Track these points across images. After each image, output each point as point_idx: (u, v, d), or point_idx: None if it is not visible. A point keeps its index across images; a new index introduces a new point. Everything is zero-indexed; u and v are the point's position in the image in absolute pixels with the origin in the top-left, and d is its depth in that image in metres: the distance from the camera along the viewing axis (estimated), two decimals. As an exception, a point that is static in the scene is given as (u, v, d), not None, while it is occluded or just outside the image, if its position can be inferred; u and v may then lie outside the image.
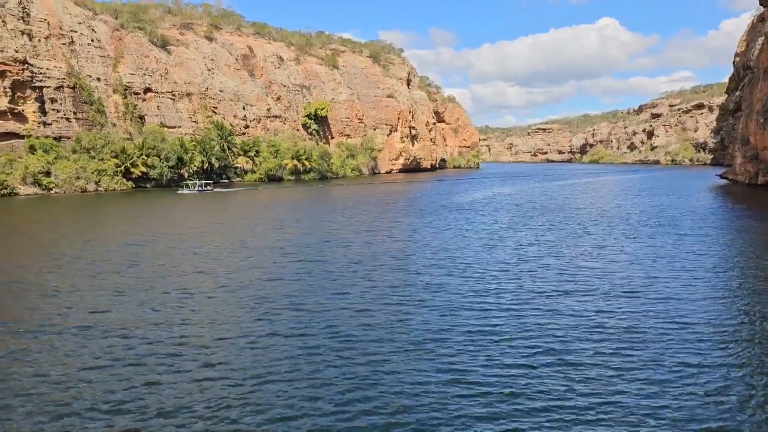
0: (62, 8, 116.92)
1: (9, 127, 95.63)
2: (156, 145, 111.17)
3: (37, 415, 14.87)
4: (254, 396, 15.95)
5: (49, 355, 19.06)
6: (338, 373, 17.44)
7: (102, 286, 28.43)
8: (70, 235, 46.91)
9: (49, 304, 25.02)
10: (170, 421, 14.54)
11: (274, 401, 15.65)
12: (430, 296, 26.35)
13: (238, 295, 26.78)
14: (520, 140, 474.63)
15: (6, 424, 14.49)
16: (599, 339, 20.59)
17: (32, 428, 14.24)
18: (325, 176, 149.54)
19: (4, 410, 15.11)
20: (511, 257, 36.08)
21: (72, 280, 29.89)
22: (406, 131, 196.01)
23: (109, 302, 25.38)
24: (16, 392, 16.17)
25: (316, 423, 14.53)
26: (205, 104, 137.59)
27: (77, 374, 17.41)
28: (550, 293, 26.90)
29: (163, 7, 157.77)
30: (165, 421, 14.59)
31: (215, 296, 26.57)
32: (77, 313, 23.67)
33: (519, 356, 18.91)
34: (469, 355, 18.96)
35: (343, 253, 37.45)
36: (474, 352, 19.33)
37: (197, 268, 32.95)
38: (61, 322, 22.40)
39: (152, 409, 15.19)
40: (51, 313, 23.73)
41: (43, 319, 22.80)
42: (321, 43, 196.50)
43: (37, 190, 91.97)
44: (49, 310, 24.19)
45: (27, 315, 23.48)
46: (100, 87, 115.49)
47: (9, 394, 16.04)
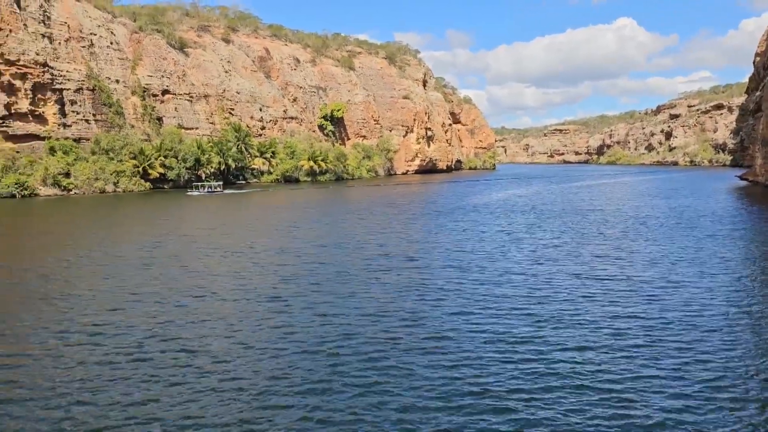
0: (82, 11, 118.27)
1: (30, 129, 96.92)
2: (173, 147, 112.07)
3: (53, 413, 15.03)
4: (270, 398, 15.97)
5: (68, 353, 19.25)
6: (354, 376, 17.42)
7: (118, 286, 28.67)
8: (89, 235, 47.39)
9: (68, 303, 25.27)
10: (186, 422, 14.62)
11: (289, 404, 15.66)
12: (445, 299, 26.24)
13: (252, 296, 26.85)
14: (537, 141, 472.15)
15: (23, 423, 14.63)
16: (619, 346, 20.23)
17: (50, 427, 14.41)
18: (341, 177, 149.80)
19: (22, 409, 15.28)
20: (528, 260, 35.84)
21: (90, 280, 30.18)
22: (422, 132, 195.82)
23: (124, 303, 25.58)
24: (30, 391, 16.36)
25: (333, 426, 14.54)
26: (222, 106, 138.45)
27: (94, 373, 17.55)
28: (568, 297, 26.66)
29: (181, 10, 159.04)
30: (181, 422, 14.66)
31: (229, 298, 26.68)
32: (95, 313, 23.88)
33: (537, 361, 18.75)
34: (485, 360, 18.84)
35: (357, 255, 37.44)
36: (490, 356, 19.20)
37: (210, 268, 33.12)
38: (79, 321, 22.64)
39: (166, 411, 15.27)
40: (70, 312, 23.97)
41: (61, 318, 23.04)
42: (337, 45, 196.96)
43: (56, 191, 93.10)
44: (67, 309, 24.44)
45: (46, 314, 23.74)
46: (119, 89, 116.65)
47: (27, 393, 16.22)
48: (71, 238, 46.54)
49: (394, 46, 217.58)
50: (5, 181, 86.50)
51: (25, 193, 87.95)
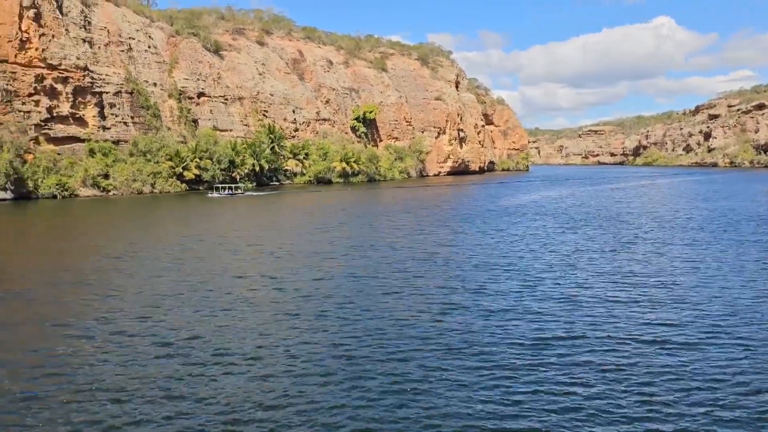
0: (121, 16, 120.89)
1: (71, 132, 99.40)
2: (208, 148, 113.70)
3: (91, 412, 15.33)
4: (298, 399, 16.03)
5: (105, 349, 19.65)
6: (382, 381, 17.36)
7: (152, 287, 29.16)
8: (126, 236, 48.36)
9: (104, 303, 25.80)
10: (219, 418, 14.77)
11: (317, 405, 15.68)
12: (476, 302, 25.98)
13: (284, 297, 27.00)
14: (571, 142, 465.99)
15: (64, 416, 14.96)
16: (661, 357, 19.57)
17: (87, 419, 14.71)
18: (373, 179, 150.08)
19: (65, 402, 15.62)
20: (562, 264, 35.32)
21: (127, 280, 30.78)
22: (454, 134, 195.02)
23: (157, 304, 25.98)
24: (67, 387, 16.72)
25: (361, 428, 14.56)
26: (256, 108, 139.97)
27: (129, 372, 17.86)
28: (605, 303, 26.02)
29: (216, 13, 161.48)
30: (214, 421, 14.82)
31: (260, 299, 26.87)
32: (131, 313, 24.34)
33: (571, 370, 18.41)
34: (516, 366, 18.60)
35: (388, 257, 37.39)
36: (522, 363, 18.92)
37: (241, 269, 33.45)
38: (116, 319, 23.09)
39: (198, 412, 15.45)
40: (107, 310, 24.47)
41: (100, 315, 23.54)
42: (370, 47, 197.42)
43: (96, 192, 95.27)
44: (105, 307, 24.94)
45: (85, 311, 24.28)
46: (156, 92, 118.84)
47: (66, 388, 16.59)
48: (108, 239, 47.54)
49: (426, 47, 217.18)
50: (47, 182, 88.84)
51: (65, 194, 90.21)
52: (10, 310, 25.29)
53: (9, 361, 19.02)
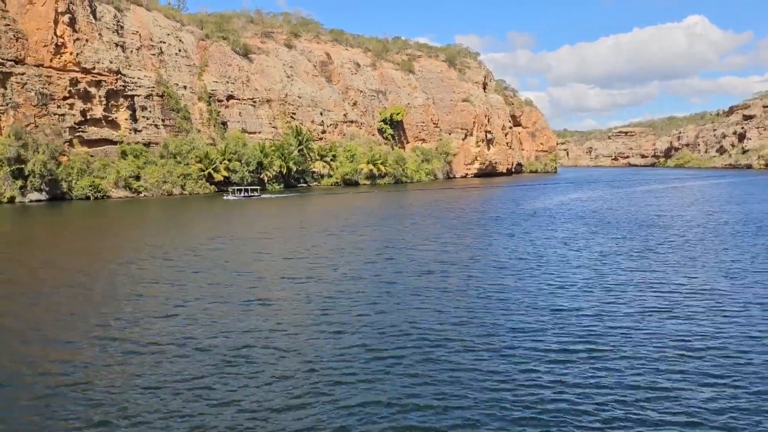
0: (153, 20, 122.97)
1: (103, 134, 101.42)
2: (237, 150, 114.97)
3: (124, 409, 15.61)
4: (324, 398, 16.06)
5: (133, 347, 20.00)
6: (410, 381, 17.34)
7: (178, 286, 29.55)
8: (157, 236, 49.11)
9: (132, 302, 26.23)
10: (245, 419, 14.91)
11: (343, 404, 15.72)
12: (501, 309, 25.73)
13: (311, 298, 27.11)
14: (600, 144, 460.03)
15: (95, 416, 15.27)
16: (693, 370, 19.11)
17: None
18: (400, 180, 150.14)
19: (97, 396, 15.94)
20: (591, 269, 34.73)
21: (153, 279, 31.26)
22: (481, 135, 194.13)
23: (183, 303, 26.31)
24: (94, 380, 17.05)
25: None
26: (284, 110, 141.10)
27: (157, 369, 18.14)
28: (638, 312, 25.31)
29: (245, 17, 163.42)
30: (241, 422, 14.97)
31: (286, 299, 27.02)
32: (158, 310, 24.71)
33: (594, 384, 18.05)
34: (547, 379, 18.39)
35: (413, 259, 37.28)
36: (555, 376, 18.64)
37: (266, 271, 33.70)
38: (142, 317, 23.46)
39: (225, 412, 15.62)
40: (135, 309, 24.90)
41: (135, 311, 23.95)
42: (397, 49, 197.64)
43: (127, 194, 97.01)
44: (132, 307, 25.37)
45: (121, 308, 24.74)
46: (186, 95, 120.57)
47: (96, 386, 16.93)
48: (137, 240, 48.33)
49: (454, 48, 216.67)
50: (80, 183, 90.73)
51: (98, 195, 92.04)
52: (42, 307, 25.86)
53: (41, 356, 19.46)
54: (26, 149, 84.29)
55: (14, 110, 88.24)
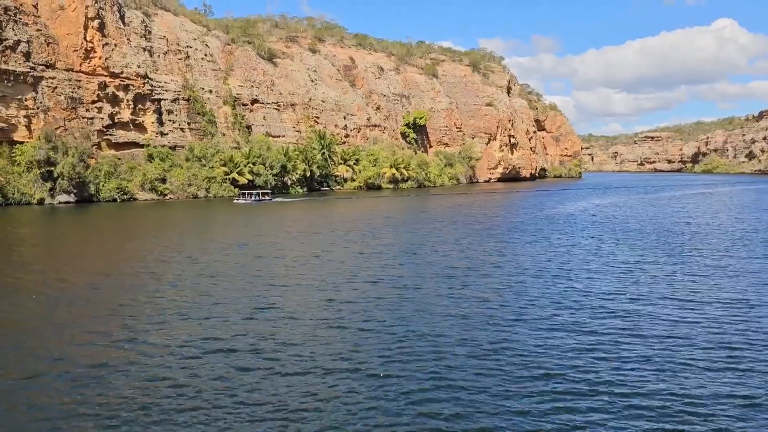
0: (180, 25, 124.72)
1: (130, 137, 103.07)
2: (261, 154, 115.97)
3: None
4: (349, 399, 16.19)
5: (161, 346, 20.28)
6: (432, 384, 17.32)
7: (201, 288, 29.88)
8: (180, 239, 49.72)
9: (161, 300, 26.59)
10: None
11: (365, 407, 15.81)
12: (521, 315, 25.54)
13: (334, 302, 27.19)
14: (626, 149, 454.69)
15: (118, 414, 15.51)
16: (728, 382, 18.41)
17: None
18: (423, 185, 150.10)
19: (129, 390, 16.21)
20: (615, 277, 34.17)
21: (178, 280, 31.65)
22: (505, 140, 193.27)
23: (205, 304, 26.60)
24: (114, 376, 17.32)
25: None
26: (308, 114, 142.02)
27: (185, 367, 18.38)
28: (663, 322, 24.81)
29: (270, 22, 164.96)
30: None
31: (307, 304, 27.13)
32: (181, 310, 25.02)
33: (629, 401, 17.76)
34: (570, 386, 18.26)
35: (435, 264, 37.22)
36: (576, 384, 18.47)
37: (287, 274, 33.90)
38: (165, 318, 23.78)
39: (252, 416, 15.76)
40: (161, 307, 25.24)
41: (156, 312, 24.29)
42: (421, 53, 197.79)
43: (153, 196, 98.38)
44: (158, 304, 25.73)
45: (143, 309, 25.11)
46: (212, 99, 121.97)
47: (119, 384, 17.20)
48: (163, 243, 48.97)
49: (478, 53, 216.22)
50: (108, 186, 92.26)
51: (125, 197, 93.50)
52: (72, 305, 26.35)
53: (64, 354, 19.84)
54: (56, 152, 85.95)
55: (45, 114, 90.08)
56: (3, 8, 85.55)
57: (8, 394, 17.14)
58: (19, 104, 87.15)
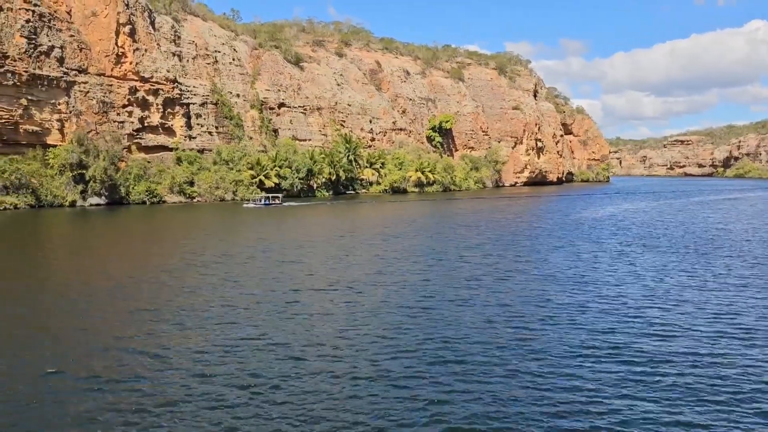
0: (208, 30, 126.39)
1: (160, 141, 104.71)
2: (288, 157, 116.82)
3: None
4: (373, 399, 16.20)
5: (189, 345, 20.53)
6: (456, 386, 17.28)
7: (225, 289, 30.16)
8: (210, 240, 50.28)
9: (185, 300, 26.92)
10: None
11: (389, 407, 15.79)
12: (552, 323, 25.37)
13: (353, 306, 27.27)
14: (655, 153, 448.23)
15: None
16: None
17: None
18: (449, 188, 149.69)
19: (155, 384, 16.46)
20: (642, 286, 33.57)
21: (207, 281, 32.00)
22: (531, 143, 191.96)
23: (233, 305, 26.84)
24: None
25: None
26: (334, 118, 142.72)
27: (208, 364, 18.58)
28: (694, 334, 24.19)
29: (297, 26, 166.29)
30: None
31: (332, 307, 27.25)
32: (209, 311, 25.31)
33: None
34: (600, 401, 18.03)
35: (459, 269, 37.06)
36: (608, 402, 18.36)
37: (310, 277, 34.04)
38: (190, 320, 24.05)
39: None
40: (191, 305, 25.55)
41: (181, 313, 24.60)
42: (447, 57, 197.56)
43: (181, 199, 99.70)
44: (185, 304, 26.04)
45: (171, 308, 25.44)
46: (239, 103, 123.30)
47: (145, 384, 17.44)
48: (191, 245, 49.56)
49: (504, 56, 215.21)
50: (137, 188, 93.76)
51: (154, 200, 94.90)
52: (106, 303, 26.82)
53: (110, 346, 20.21)
54: (88, 155, 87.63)
55: (77, 118, 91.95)
56: (38, 15, 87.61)
57: (34, 391, 17.49)
58: (52, 108, 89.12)
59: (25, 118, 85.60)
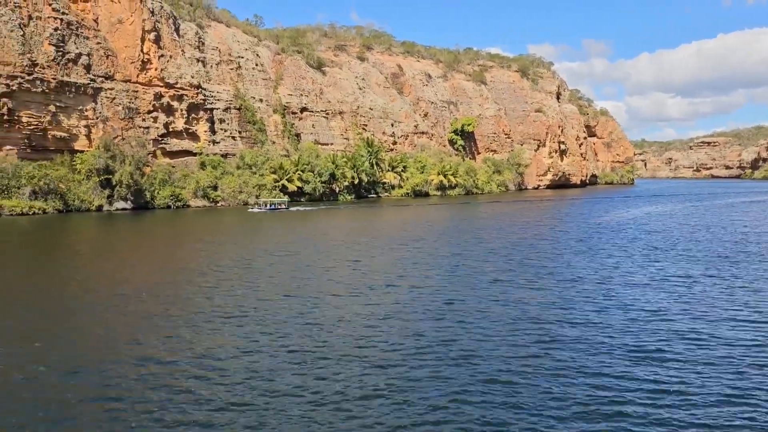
0: (232, 36, 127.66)
1: (184, 146, 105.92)
2: (310, 161, 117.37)
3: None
4: (398, 397, 16.20)
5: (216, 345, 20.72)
6: (480, 389, 17.21)
7: (249, 290, 30.37)
8: (233, 243, 50.68)
9: (207, 302, 27.18)
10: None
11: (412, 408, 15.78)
12: (580, 336, 25.15)
13: (373, 310, 27.25)
14: (681, 155, 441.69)
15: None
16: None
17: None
18: (471, 192, 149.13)
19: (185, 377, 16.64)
20: (672, 292, 33.07)
21: (228, 282, 32.27)
22: (554, 146, 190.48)
23: (254, 306, 27.01)
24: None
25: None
26: (355, 122, 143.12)
27: (235, 360, 18.71)
28: (731, 345, 23.51)
29: (319, 31, 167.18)
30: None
31: (354, 311, 27.29)
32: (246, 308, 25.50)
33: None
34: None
35: (482, 275, 36.89)
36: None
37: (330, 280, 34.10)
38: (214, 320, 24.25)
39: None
40: (207, 309, 25.80)
41: (203, 315, 24.83)
42: (469, 59, 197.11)
43: (205, 203, 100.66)
44: (206, 306, 26.29)
45: (194, 311, 25.70)
46: (262, 107, 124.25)
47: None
48: (214, 248, 50.01)
49: (526, 58, 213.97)
50: (162, 193, 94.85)
51: (178, 204, 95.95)
52: (135, 305, 27.20)
53: (121, 350, 20.51)
54: (114, 160, 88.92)
55: (104, 123, 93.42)
56: (66, 23, 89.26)
57: (56, 389, 17.78)
58: (79, 115, 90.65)
59: (53, 125, 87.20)
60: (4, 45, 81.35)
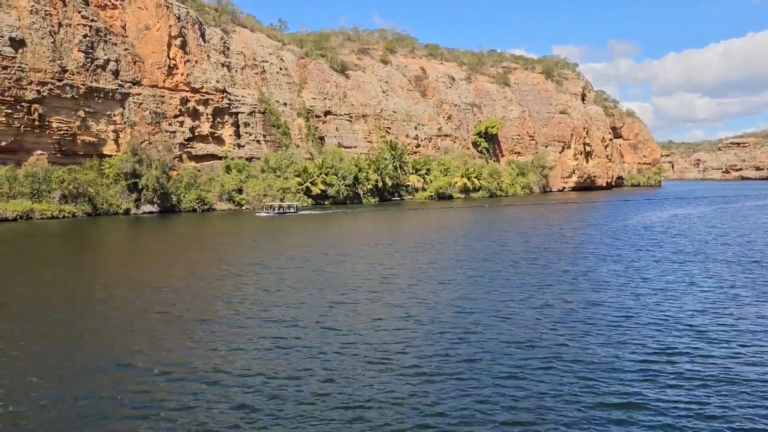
0: (256, 41, 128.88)
1: (209, 150, 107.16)
2: (334, 165, 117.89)
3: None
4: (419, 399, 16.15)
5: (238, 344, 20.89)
6: (497, 392, 17.10)
7: (272, 291, 30.57)
8: (256, 247, 51.05)
9: (227, 303, 27.41)
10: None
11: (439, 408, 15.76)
12: (597, 331, 24.87)
13: (395, 314, 27.26)
14: (709, 156, 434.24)
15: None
16: None
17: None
18: (495, 194, 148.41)
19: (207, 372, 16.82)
20: (701, 297, 32.62)
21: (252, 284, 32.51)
22: (579, 148, 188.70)
23: (278, 304, 27.17)
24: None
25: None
26: (379, 125, 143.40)
27: (253, 360, 18.86)
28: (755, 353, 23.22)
29: (343, 35, 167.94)
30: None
31: (373, 314, 27.31)
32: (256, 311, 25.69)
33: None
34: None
35: (506, 279, 36.68)
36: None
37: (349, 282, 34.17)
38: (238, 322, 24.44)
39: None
40: (227, 309, 26.02)
41: (223, 314, 25.07)
42: (492, 62, 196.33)
43: (230, 206, 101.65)
44: (225, 306, 26.52)
45: (216, 310, 25.95)
46: (286, 111, 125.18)
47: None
48: (235, 251, 50.41)
49: (551, 60, 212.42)
50: (188, 196, 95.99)
51: (204, 207, 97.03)
52: (159, 303, 27.58)
53: (141, 350, 20.78)
54: (141, 164, 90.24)
55: (131, 128, 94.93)
56: (95, 30, 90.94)
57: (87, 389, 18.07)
58: (108, 120, 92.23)
59: (82, 130, 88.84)
60: (35, 52, 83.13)
